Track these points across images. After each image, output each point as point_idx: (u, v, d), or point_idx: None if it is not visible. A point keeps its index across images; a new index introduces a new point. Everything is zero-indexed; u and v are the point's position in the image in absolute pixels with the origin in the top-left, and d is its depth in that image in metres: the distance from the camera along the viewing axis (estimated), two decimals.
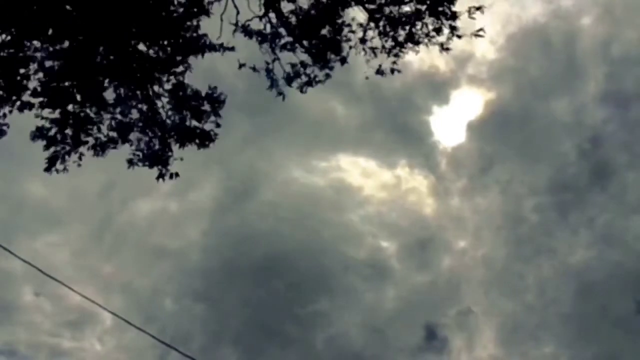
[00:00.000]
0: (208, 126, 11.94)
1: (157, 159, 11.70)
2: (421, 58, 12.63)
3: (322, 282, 30.64)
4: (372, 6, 12.16)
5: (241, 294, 30.23)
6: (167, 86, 11.65)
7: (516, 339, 30.60)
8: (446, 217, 33.53)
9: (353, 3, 12.19)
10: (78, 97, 11.21)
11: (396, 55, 12.71)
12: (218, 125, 11.90)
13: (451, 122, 33.42)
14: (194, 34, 11.43)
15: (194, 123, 11.84)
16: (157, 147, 11.68)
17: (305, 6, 12.16)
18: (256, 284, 30.26)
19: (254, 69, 12.48)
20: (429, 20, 12.13)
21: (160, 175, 11.80)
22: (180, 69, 11.62)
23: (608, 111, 31.48)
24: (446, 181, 33.24)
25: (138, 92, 11.33)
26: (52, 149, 11.30)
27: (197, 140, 11.81)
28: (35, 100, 11.07)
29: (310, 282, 30.22)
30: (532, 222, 32.32)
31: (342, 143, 33.54)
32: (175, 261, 30.93)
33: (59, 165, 11.39)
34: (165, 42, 11.17)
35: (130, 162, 11.79)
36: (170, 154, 11.75)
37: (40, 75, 11.02)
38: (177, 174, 11.83)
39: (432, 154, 33.87)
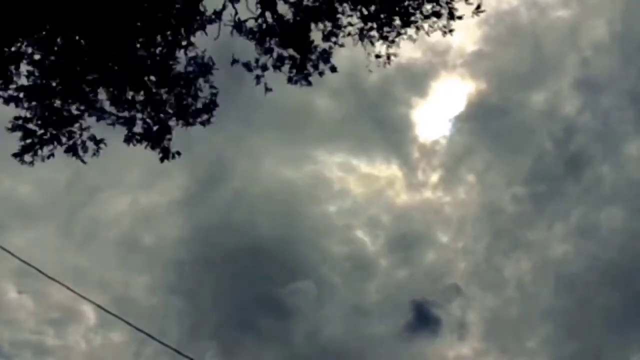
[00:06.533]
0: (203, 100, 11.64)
1: (158, 139, 11.32)
2: (399, 50, 12.48)
3: (299, 274, 30.37)
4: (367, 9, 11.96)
5: (216, 286, 29.83)
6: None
7: (498, 333, 30.72)
8: (424, 209, 33.52)
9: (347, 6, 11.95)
10: (64, 93, 10.89)
11: (392, 42, 12.43)
12: (214, 95, 11.54)
13: (429, 114, 33.43)
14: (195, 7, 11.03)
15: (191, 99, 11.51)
16: (157, 128, 11.32)
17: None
18: (231, 275, 29.87)
19: (247, 65, 12.10)
20: (428, 6, 11.93)
21: (165, 157, 11.40)
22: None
23: (582, 100, 31.74)
24: (424, 173, 33.20)
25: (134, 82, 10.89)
26: (28, 141, 10.93)
27: (199, 118, 11.50)
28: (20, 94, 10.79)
29: (287, 273, 29.93)
30: (510, 214, 32.50)
31: (318, 135, 33.26)
32: (148, 254, 30.38)
33: (27, 157, 10.98)
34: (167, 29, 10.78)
35: (129, 139, 11.30)
36: (171, 135, 11.43)
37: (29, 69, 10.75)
38: (178, 153, 11.46)
39: (410, 146, 33.83)
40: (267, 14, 11.59)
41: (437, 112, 34.41)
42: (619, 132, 31.81)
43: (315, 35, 12.05)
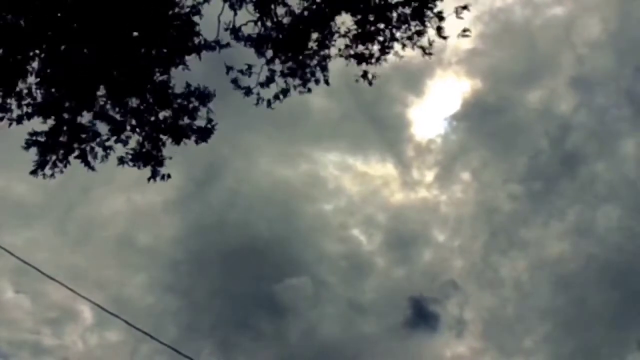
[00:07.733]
0: (200, 122, 11.74)
1: (149, 157, 11.39)
2: (395, 48, 12.44)
3: (295, 273, 30.39)
4: (359, 15, 11.90)
5: (212, 284, 29.87)
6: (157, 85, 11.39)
7: (496, 331, 30.74)
8: (420, 208, 33.56)
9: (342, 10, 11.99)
10: (72, 104, 11.00)
11: (378, 60, 12.49)
12: (210, 120, 11.62)
13: (424, 113, 33.49)
14: (190, 34, 11.19)
15: (187, 120, 11.62)
16: (149, 146, 11.41)
17: (297, 11, 11.90)
18: (227, 274, 29.90)
19: (235, 82, 12.20)
20: (412, 23, 11.92)
21: (153, 176, 11.47)
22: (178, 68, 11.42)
23: (577, 98, 31.80)
24: (419, 171, 33.24)
25: (131, 96, 10.96)
26: (45, 157, 11.05)
27: (194, 136, 11.53)
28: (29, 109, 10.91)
29: (283, 272, 29.96)
30: (506, 212, 32.54)
31: (314, 133, 33.28)
32: (144, 253, 30.37)
33: (47, 171, 11.08)
34: (163, 45, 10.85)
35: (121, 161, 11.38)
36: (163, 153, 11.51)
37: (36, 82, 10.84)
38: (169, 175, 11.55)
39: (405, 145, 33.88)
40: (265, 18, 11.58)
41: (433, 110, 34.50)
42: (615, 130, 31.95)
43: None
